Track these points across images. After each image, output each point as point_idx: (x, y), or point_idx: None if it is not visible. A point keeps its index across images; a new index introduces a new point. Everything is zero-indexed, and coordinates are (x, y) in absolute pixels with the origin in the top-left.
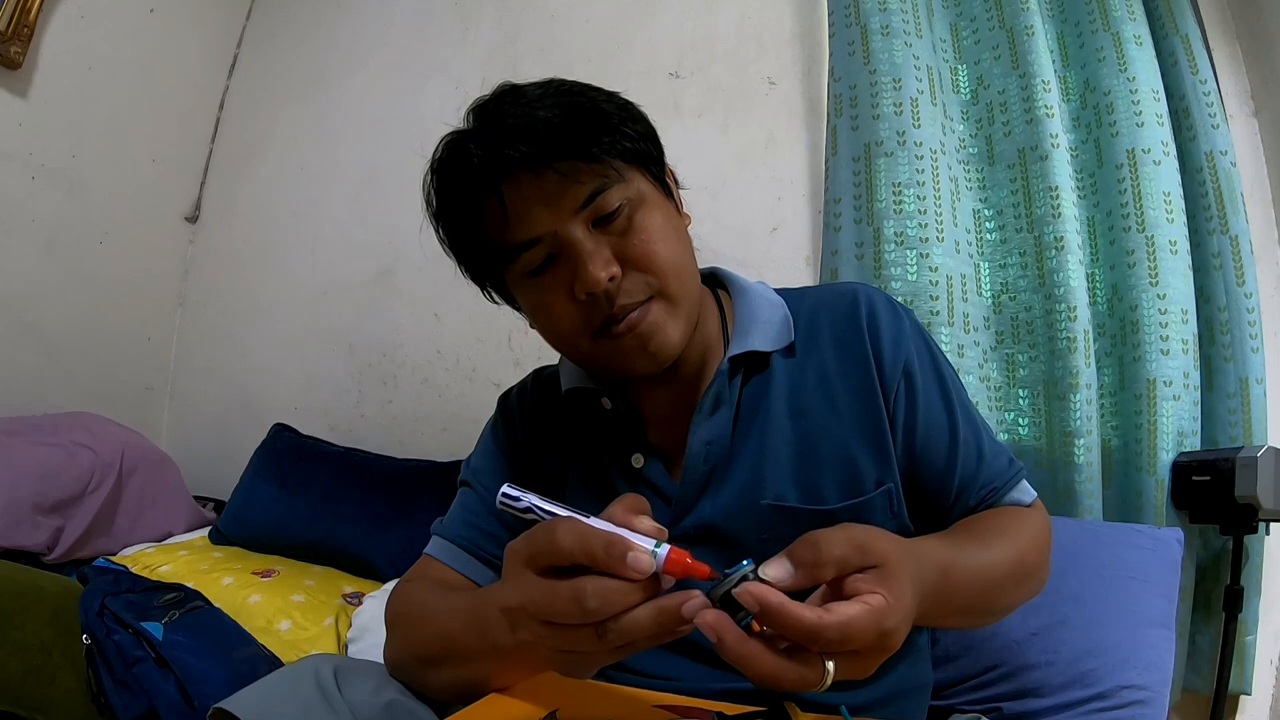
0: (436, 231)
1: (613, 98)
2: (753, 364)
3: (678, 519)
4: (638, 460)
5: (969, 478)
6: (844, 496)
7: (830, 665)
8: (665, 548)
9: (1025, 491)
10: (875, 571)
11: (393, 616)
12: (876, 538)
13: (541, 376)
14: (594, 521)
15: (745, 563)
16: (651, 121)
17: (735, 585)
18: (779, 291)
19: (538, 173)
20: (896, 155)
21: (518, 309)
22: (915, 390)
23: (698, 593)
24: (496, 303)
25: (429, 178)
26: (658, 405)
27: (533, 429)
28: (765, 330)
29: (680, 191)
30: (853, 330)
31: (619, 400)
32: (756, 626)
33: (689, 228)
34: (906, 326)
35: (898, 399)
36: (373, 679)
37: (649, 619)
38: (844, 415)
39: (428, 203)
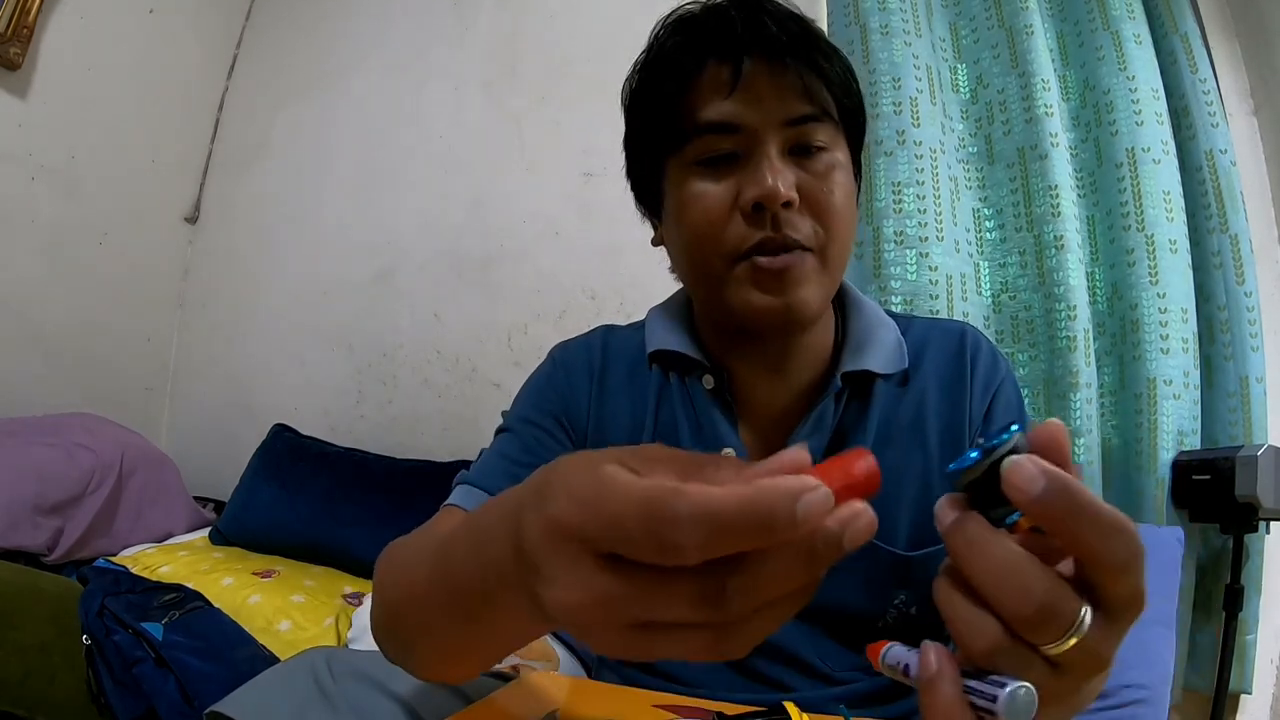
0: (629, 82)
1: (853, 70)
2: (860, 383)
3: None
4: (727, 454)
5: None
6: (915, 543)
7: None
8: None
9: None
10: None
11: (375, 575)
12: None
13: (615, 334)
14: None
15: (1014, 428)
16: None
17: (1005, 454)
18: (894, 315)
19: (777, 65)
20: (896, 155)
21: (655, 216)
22: (992, 426)
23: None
24: (643, 207)
25: (659, 27)
26: (758, 399)
27: (602, 389)
28: (880, 351)
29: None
30: (957, 371)
31: (721, 382)
32: (1024, 525)
33: None
34: (1003, 374)
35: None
36: (372, 671)
37: (792, 584)
38: (932, 455)
39: (651, 46)
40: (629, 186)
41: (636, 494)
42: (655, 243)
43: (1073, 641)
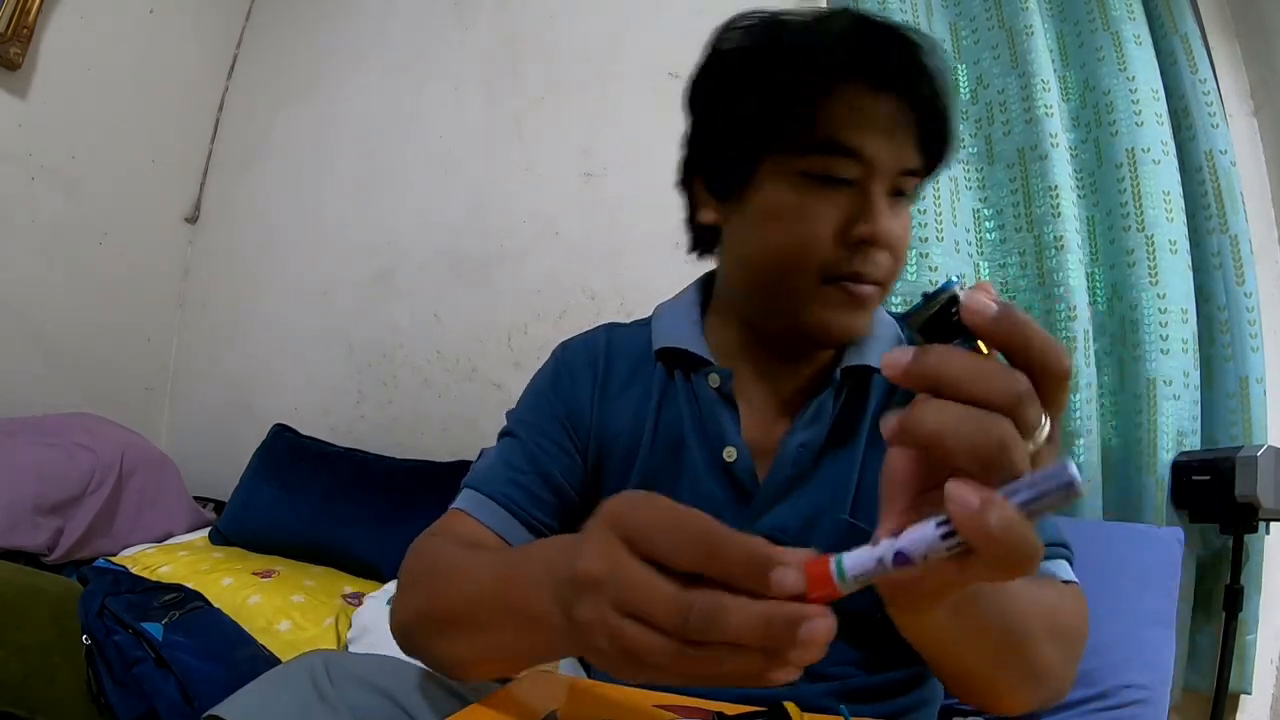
0: (738, 55)
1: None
2: (859, 378)
3: (754, 519)
4: (730, 454)
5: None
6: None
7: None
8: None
9: (1064, 569)
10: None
11: (411, 573)
12: None
13: (617, 332)
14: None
15: (954, 278)
16: (653, 120)
17: (945, 303)
18: (895, 314)
19: (917, 113)
20: None
21: (720, 198)
22: None
23: (821, 610)
24: (705, 181)
25: (808, 17)
26: (761, 398)
27: (605, 387)
28: (878, 348)
29: None
30: None
31: (727, 382)
32: (985, 349)
33: None
34: None
35: None
36: (370, 675)
37: (751, 651)
38: None
39: (786, 35)
40: (685, 159)
41: (698, 526)
42: (709, 221)
43: (1042, 438)
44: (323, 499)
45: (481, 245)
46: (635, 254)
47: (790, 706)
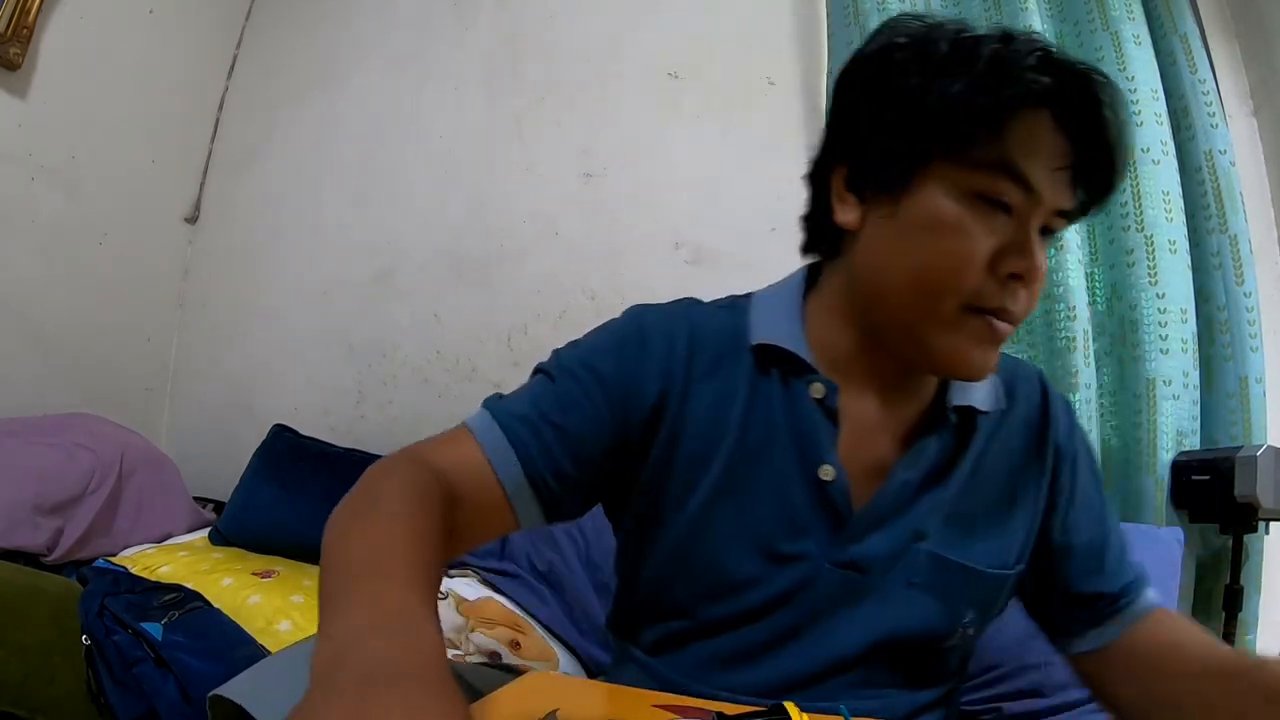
0: (939, 43)
1: None
2: (963, 421)
3: (845, 545)
4: (828, 473)
5: (1115, 561)
6: (996, 565)
7: None
8: None
9: (1151, 599)
10: None
11: (365, 476)
12: None
13: (705, 312)
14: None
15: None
16: (653, 120)
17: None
18: None
19: (1087, 153)
20: None
21: (872, 190)
22: (1078, 476)
23: None
24: (817, 179)
25: (1022, 38)
26: (864, 418)
27: (688, 372)
28: (984, 388)
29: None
30: (1042, 416)
31: (833, 395)
32: None
33: None
34: (1076, 422)
35: (1059, 484)
36: None
37: None
38: (1017, 494)
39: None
40: (827, 150)
41: None
42: (843, 220)
43: None
44: (323, 499)
45: (481, 245)
46: (635, 254)
47: (790, 706)
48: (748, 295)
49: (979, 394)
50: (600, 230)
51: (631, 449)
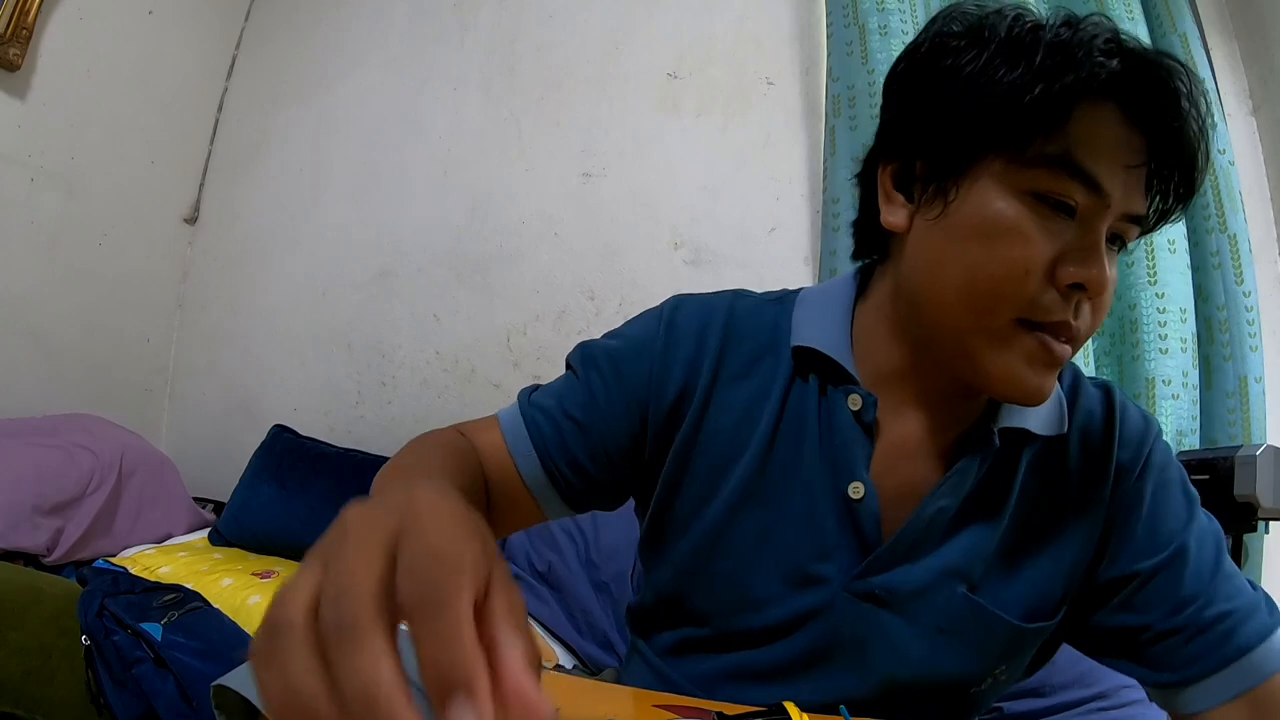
0: (1003, 31)
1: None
2: (1010, 441)
3: (868, 573)
4: (857, 490)
5: (1197, 591)
6: (1030, 615)
7: None
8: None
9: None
10: None
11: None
12: None
13: (746, 303)
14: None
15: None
16: (653, 120)
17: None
18: None
19: (1164, 153)
20: None
21: (918, 185)
22: (1146, 494)
23: None
24: (883, 176)
25: (1084, 22)
26: (903, 435)
27: (718, 372)
28: (1040, 409)
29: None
30: (1105, 440)
31: (871, 409)
32: None
33: None
34: (1153, 436)
35: (1119, 504)
36: None
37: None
38: (1067, 530)
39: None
40: (877, 149)
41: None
42: (890, 221)
43: None
44: (322, 499)
45: (481, 246)
46: (634, 254)
47: (790, 706)
48: (797, 291)
49: (1035, 416)
50: (600, 230)
51: (651, 449)
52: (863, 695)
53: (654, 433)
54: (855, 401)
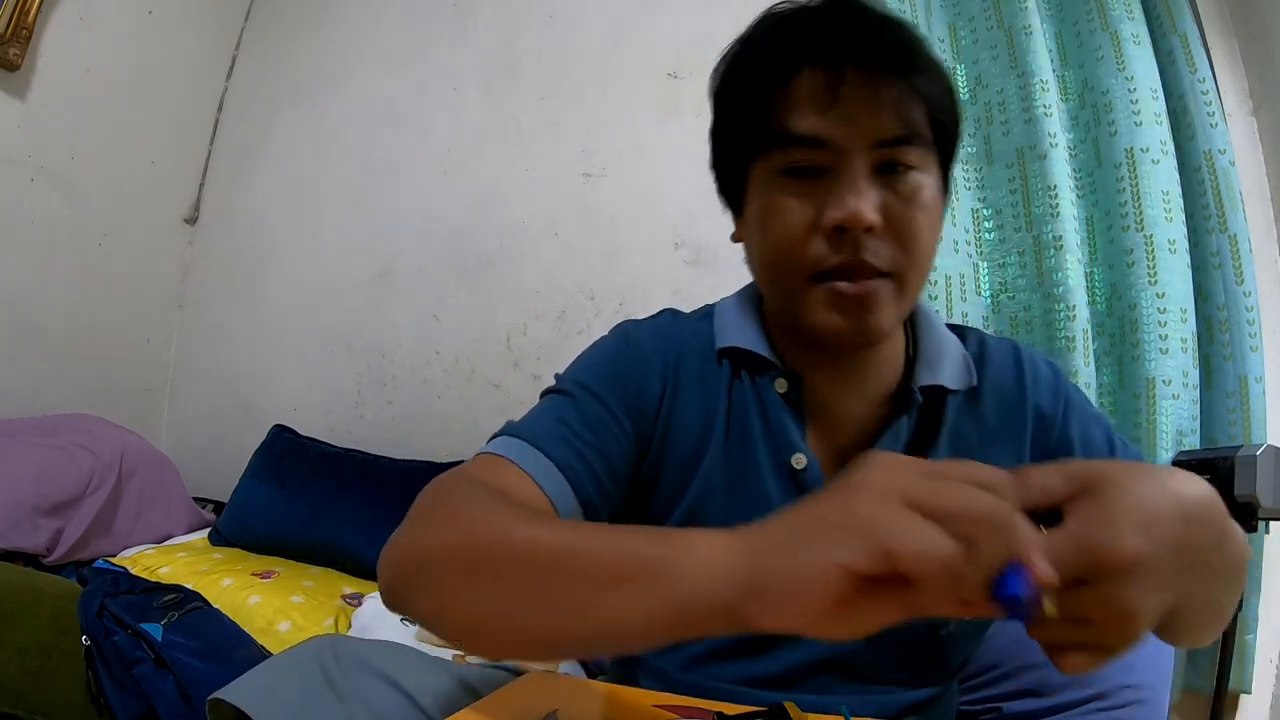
0: (717, 75)
1: (953, 85)
2: (932, 401)
3: None
4: (799, 461)
5: None
6: None
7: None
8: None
9: None
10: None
11: (437, 506)
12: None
13: (682, 323)
14: None
15: None
16: (653, 120)
17: None
18: (954, 328)
19: (873, 78)
20: None
21: (738, 211)
22: (1070, 431)
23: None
24: (724, 199)
25: (754, 23)
26: (829, 407)
27: (677, 379)
28: (951, 366)
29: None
30: (1017, 387)
31: (793, 387)
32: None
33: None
34: (1064, 382)
35: (1053, 450)
36: (378, 662)
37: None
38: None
39: (738, 45)
40: (714, 178)
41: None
42: (734, 239)
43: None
44: (322, 499)
45: (481, 246)
46: (635, 254)
47: (790, 706)
48: (716, 303)
49: (946, 372)
50: (600, 230)
51: (641, 455)
52: (841, 648)
53: (644, 440)
54: (781, 385)
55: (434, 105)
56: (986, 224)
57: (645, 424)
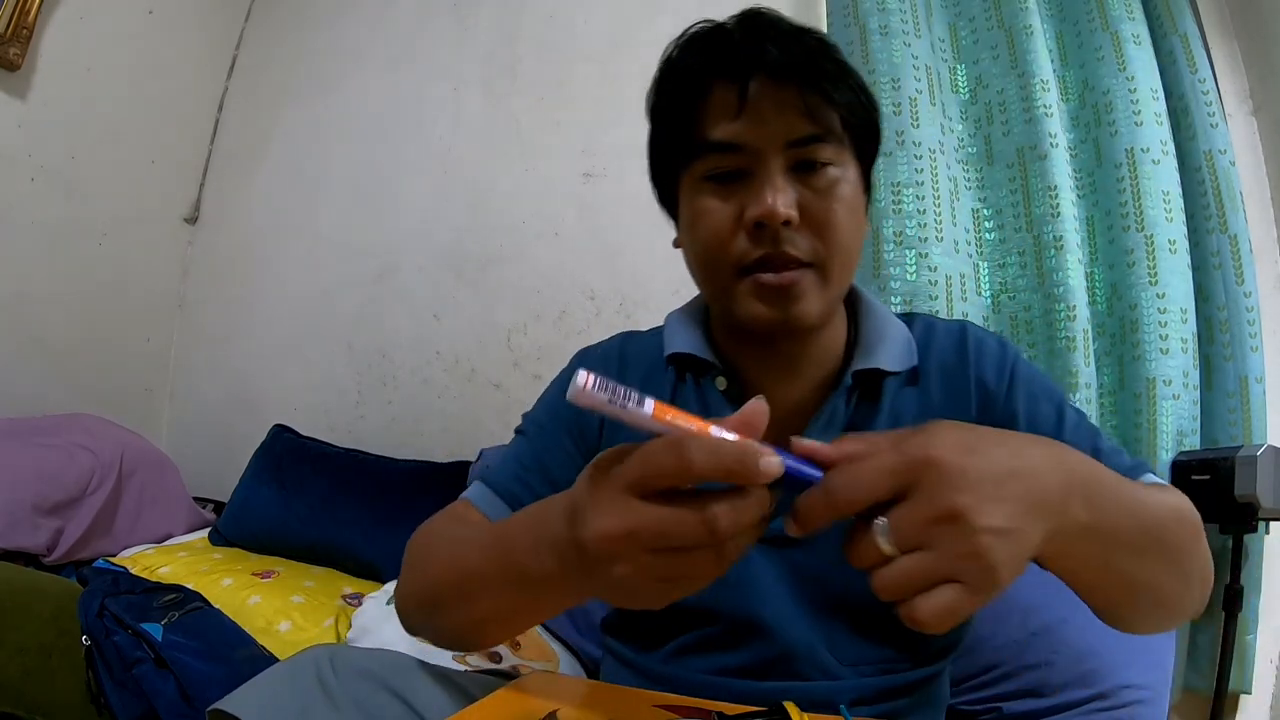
0: (654, 95)
1: (865, 85)
2: (870, 383)
3: (770, 521)
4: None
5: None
6: None
7: (881, 525)
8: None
9: (1153, 480)
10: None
11: (410, 555)
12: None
13: (634, 340)
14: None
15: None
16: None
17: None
18: (902, 315)
19: (780, 84)
20: (895, 155)
21: (675, 218)
22: (1016, 405)
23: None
24: (664, 209)
25: (672, 46)
26: (770, 397)
27: None
28: (890, 349)
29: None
30: (960, 363)
31: (734, 383)
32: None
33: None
34: (1013, 357)
35: (998, 423)
36: (375, 669)
37: (755, 514)
38: None
39: (664, 65)
40: (654, 190)
41: (663, 440)
42: (675, 245)
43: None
44: (323, 499)
45: (481, 245)
46: (635, 254)
47: (790, 706)
48: (669, 315)
49: (884, 356)
50: (600, 230)
51: None
52: (815, 632)
53: (590, 454)
54: (721, 383)
55: (434, 105)
56: (987, 224)
57: (590, 440)
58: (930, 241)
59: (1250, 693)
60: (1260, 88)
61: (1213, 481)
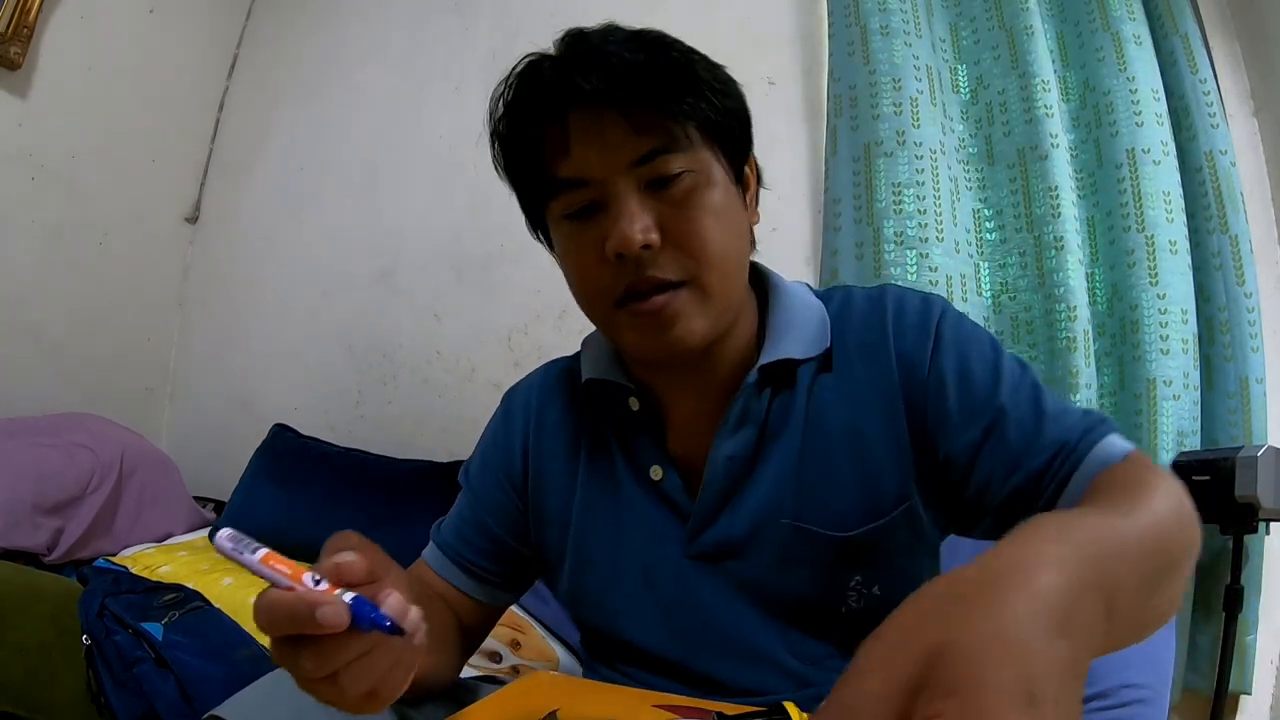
0: (492, 147)
1: (714, 66)
2: (783, 375)
3: (694, 536)
4: (656, 473)
5: (1026, 437)
6: (865, 519)
7: None
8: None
9: (1113, 446)
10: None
11: None
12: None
13: (555, 369)
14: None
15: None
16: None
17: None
18: (823, 293)
19: (599, 112)
20: (896, 155)
21: (552, 249)
22: (944, 374)
23: (330, 599)
24: (539, 240)
25: (499, 89)
26: (684, 412)
27: (539, 428)
28: (799, 336)
29: (760, 191)
30: (879, 335)
31: (646, 402)
32: None
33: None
34: (935, 317)
35: (925, 392)
36: None
37: (340, 657)
38: (866, 430)
39: (491, 114)
40: (529, 230)
41: (263, 601)
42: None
43: None
44: (323, 499)
45: (481, 245)
46: None
47: (790, 706)
48: (585, 339)
49: (793, 343)
50: None
51: (524, 504)
52: (759, 640)
53: (519, 491)
54: (634, 403)
55: (435, 104)
56: (987, 224)
57: (516, 480)
58: (931, 242)
59: (1250, 693)
60: (1261, 88)
61: (1213, 482)
